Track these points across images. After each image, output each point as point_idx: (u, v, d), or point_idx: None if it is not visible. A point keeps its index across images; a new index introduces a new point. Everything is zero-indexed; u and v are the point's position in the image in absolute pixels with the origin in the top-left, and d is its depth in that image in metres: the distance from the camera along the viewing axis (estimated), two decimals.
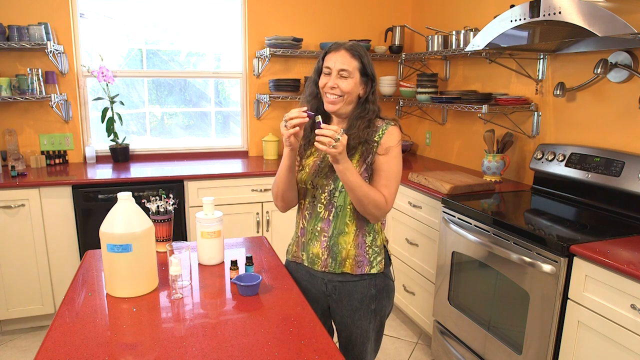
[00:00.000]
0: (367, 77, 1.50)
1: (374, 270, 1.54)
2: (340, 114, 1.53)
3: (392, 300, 1.63)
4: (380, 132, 1.50)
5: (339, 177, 1.42)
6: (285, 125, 1.40)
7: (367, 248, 1.53)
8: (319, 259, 1.54)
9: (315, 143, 1.35)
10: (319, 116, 1.38)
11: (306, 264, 1.59)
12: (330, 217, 1.52)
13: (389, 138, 1.50)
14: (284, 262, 1.69)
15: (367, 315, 1.55)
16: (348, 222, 1.52)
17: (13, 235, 2.68)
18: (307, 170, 1.56)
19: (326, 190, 1.52)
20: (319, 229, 1.54)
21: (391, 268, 1.62)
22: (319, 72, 1.54)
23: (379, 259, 1.55)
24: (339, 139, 1.33)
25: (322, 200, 1.53)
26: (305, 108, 1.41)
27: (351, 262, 1.52)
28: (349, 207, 1.50)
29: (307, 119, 1.39)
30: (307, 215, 1.58)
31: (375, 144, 1.49)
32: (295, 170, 1.56)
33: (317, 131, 1.35)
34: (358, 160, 1.49)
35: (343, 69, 1.46)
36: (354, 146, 1.47)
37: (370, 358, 1.64)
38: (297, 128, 1.39)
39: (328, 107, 1.51)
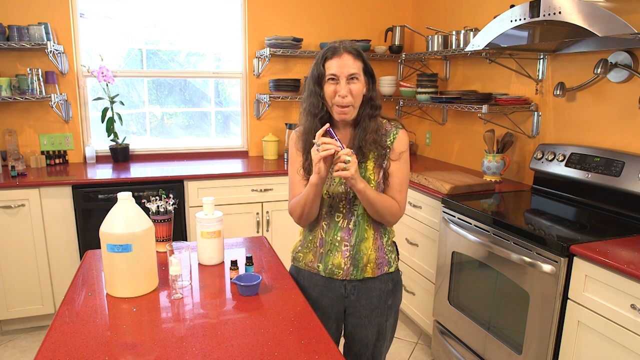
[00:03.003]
0: (369, 74, 1.47)
1: (391, 269, 1.56)
2: (348, 120, 1.48)
3: (402, 293, 1.66)
4: (392, 137, 1.49)
5: (359, 197, 1.41)
6: (317, 149, 1.34)
7: (385, 249, 1.54)
8: (341, 269, 1.52)
9: (334, 173, 1.34)
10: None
11: (323, 275, 1.55)
12: (351, 226, 1.50)
13: (401, 143, 1.49)
14: (284, 263, 1.68)
15: (384, 312, 1.57)
16: (367, 227, 1.51)
17: (13, 235, 2.68)
18: (334, 175, 1.53)
19: (344, 199, 1.49)
20: (338, 238, 1.51)
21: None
22: (319, 80, 1.44)
23: (393, 256, 1.57)
24: (348, 160, 1.32)
25: (341, 209, 1.51)
26: (324, 127, 1.36)
27: (372, 265, 1.52)
28: (366, 213, 1.50)
29: (340, 148, 1.33)
30: (324, 225, 1.53)
31: (388, 149, 1.48)
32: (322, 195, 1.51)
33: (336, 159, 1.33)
34: (374, 167, 1.47)
35: (352, 73, 1.40)
36: (370, 149, 1.46)
37: (384, 358, 1.64)
38: (330, 151, 1.33)
39: (340, 117, 1.44)
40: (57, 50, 3.01)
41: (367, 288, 1.54)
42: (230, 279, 1.49)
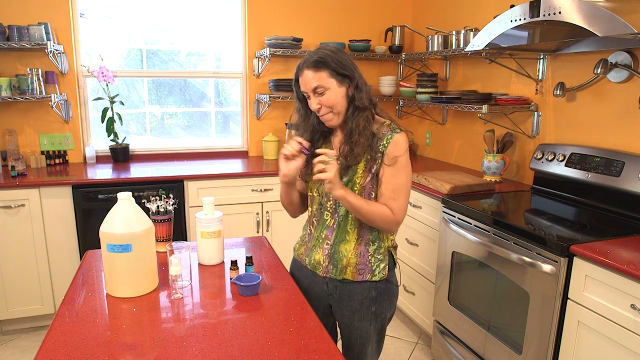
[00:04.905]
0: (343, 76, 1.42)
1: (375, 278, 1.51)
2: (335, 126, 1.51)
3: (394, 304, 1.60)
4: (385, 142, 1.44)
5: (342, 203, 1.43)
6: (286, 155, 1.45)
7: (369, 257, 1.51)
8: (321, 265, 1.54)
9: (314, 176, 1.38)
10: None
11: (309, 268, 1.59)
12: (334, 225, 1.51)
13: (395, 147, 1.44)
14: (284, 263, 1.69)
15: (367, 317, 1.54)
16: (349, 230, 1.50)
17: (13, 235, 2.68)
18: (313, 178, 1.53)
19: (332, 199, 1.50)
20: (323, 236, 1.54)
21: (396, 271, 1.60)
22: (299, 97, 1.52)
23: (382, 265, 1.52)
24: (328, 161, 1.33)
25: (329, 208, 1.52)
26: (301, 140, 1.46)
27: (352, 269, 1.51)
28: (350, 215, 1.49)
29: (298, 151, 1.45)
30: (314, 222, 1.57)
31: (380, 154, 1.45)
32: (296, 186, 1.61)
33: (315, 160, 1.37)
34: (364, 170, 1.46)
35: (314, 87, 1.41)
36: (359, 153, 1.44)
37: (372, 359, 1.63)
38: (290, 150, 1.44)
39: (328, 125, 1.50)
40: (57, 50, 3.01)
41: (348, 291, 1.53)
42: (230, 279, 1.49)
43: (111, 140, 3.30)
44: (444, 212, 2.36)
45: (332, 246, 1.52)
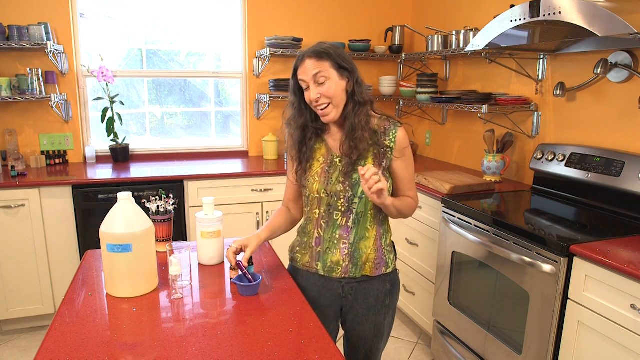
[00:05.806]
0: (344, 69, 1.42)
1: (389, 270, 1.55)
2: (338, 121, 1.48)
3: (399, 293, 1.67)
4: (392, 136, 1.46)
5: (386, 211, 1.45)
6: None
7: (383, 250, 1.54)
8: (340, 266, 1.51)
9: (372, 197, 1.33)
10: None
11: (322, 273, 1.54)
12: (350, 224, 1.49)
13: (403, 141, 1.47)
14: (284, 263, 1.69)
15: (382, 311, 1.56)
16: (369, 227, 1.50)
17: (13, 235, 2.68)
18: (317, 179, 1.50)
19: (342, 197, 1.47)
20: (337, 236, 1.50)
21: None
22: (295, 90, 1.49)
23: (392, 256, 1.57)
24: (378, 172, 1.30)
25: (340, 208, 1.48)
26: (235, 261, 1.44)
27: (370, 265, 1.51)
28: (370, 212, 1.48)
29: (235, 267, 1.45)
30: (323, 224, 1.52)
31: (389, 148, 1.46)
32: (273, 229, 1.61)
33: (365, 177, 1.29)
34: (373, 164, 1.46)
35: (315, 73, 1.39)
36: (364, 148, 1.44)
37: (381, 353, 1.65)
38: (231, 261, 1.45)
39: (324, 119, 1.46)
40: (57, 50, 3.01)
41: (365, 289, 1.54)
42: (230, 279, 1.49)
43: (111, 140, 3.30)
44: (444, 212, 2.36)
45: (352, 245, 1.49)
